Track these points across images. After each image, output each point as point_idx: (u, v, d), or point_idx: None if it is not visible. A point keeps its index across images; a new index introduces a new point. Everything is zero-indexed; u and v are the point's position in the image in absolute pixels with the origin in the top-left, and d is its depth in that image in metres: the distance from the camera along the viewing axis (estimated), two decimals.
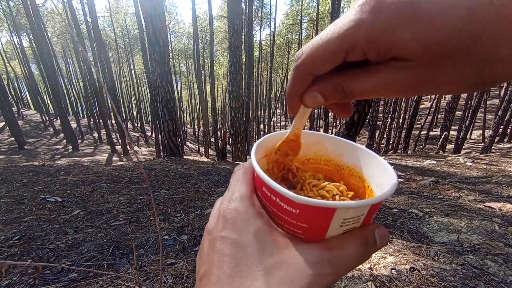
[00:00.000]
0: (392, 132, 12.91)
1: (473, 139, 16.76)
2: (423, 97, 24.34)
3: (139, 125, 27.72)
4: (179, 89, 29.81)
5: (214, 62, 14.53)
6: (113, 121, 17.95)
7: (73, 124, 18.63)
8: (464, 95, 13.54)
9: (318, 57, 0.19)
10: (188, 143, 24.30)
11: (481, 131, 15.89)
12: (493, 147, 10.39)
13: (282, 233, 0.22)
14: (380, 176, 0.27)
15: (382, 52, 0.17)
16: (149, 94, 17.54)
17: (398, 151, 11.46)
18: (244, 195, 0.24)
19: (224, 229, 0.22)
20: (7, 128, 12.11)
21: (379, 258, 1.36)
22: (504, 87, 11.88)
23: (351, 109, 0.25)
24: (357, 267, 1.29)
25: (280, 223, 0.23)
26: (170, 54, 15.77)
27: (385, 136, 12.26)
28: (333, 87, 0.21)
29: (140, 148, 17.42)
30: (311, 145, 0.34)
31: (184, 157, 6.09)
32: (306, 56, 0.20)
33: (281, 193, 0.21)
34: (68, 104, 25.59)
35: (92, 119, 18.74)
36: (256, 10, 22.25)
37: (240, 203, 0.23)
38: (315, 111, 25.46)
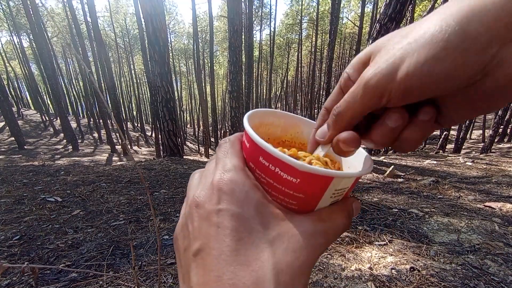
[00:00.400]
0: None
1: (473, 139, 16.76)
2: None
3: (139, 125, 27.73)
4: (179, 89, 29.81)
5: (214, 62, 14.52)
6: (113, 121, 17.93)
7: (73, 124, 18.64)
8: None
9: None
10: (188, 143, 24.30)
11: (481, 131, 15.89)
12: (493, 147, 10.39)
13: (277, 206, 0.22)
14: (352, 158, 0.28)
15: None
16: (149, 94, 17.55)
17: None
18: (238, 166, 0.23)
19: (221, 201, 0.20)
20: (7, 128, 12.11)
21: (379, 258, 1.36)
22: None
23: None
24: (357, 267, 1.29)
25: (275, 194, 0.23)
26: (170, 54, 15.78)
27: None
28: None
29: (140, 148, 17.42)
30: (288, 127, 0.34)
31: (184, 157, 6.09)
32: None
33: (284, 160, 0.21)
34: (68, 104, 25.59)
35: (92, 119, 18.75)
36: (256, 10, 22.25)
37: (236, 174, 0.22)
38: (315, 110, 25.46)
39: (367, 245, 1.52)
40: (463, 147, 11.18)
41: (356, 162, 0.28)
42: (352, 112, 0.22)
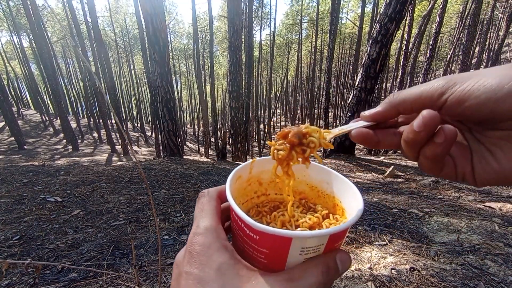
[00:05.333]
0: None
1: None
2: None
3: (139, 125, 27.71)
4: (179, 89, 29.80)
5: (214, 62, 14.51)
6: (113, 121, 17.95)
7: (73, 124, 18.63)
8: None
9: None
10: (188, 143, 24.29)
11: None
12: None
13: (246, 266, 0.23)
14: (352, 202, 0.29)
15: None
16: (149, 94, 17.53)
17: (398, 151, 11.45)
18: (208, 228, 0.24)
19: (187, 264, 0.22)
20: (7, 128, 12.11)
21: (379, 258, 1.36)
22: None
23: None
24: (357, 267, 1.29)
25: (246, 247, 0.25)
26: (170, 54, 15.77)
27: None
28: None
29: (140, 148, 17.42)
30: (296, 171, 0.36)
31: (184, 157, 6.09)
32: None
33: (243, 218, 0.23)
34: (68, 104, 25.58)
35: (92, 119, 18.74)
36: (256, 10, 22.24)
37: (204, 238, 0.23)
38: (315, 110, 25.47)
39: (367, 245, 1.52)
40: None
41: (353, 207, 0.29)
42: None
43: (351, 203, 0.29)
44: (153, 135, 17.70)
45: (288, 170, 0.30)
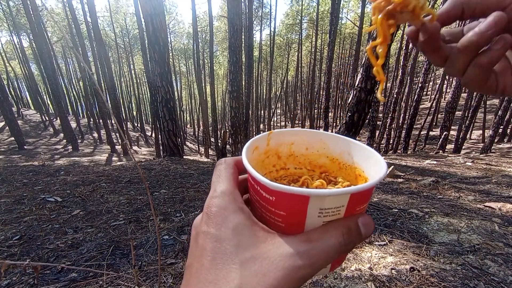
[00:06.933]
0: (392, 132, 12.91)
1: (473, 139, 16.76)
2: (423, 97, 24.35)
3: (139, 125, 27.71)
4: (179, 89, 29.81)
5: (214, 62, 14.52)
6: (113, 121, 17.94)
7: (73, 124, 18.62)
8: (464, 95, 13.55)
9: None
10: (188, 143, 24.29)
11: (481, 131, 15.89)
12: (493, 147, 10.39)
13: (263, 228, 0.23)
14: (375, 169, 0.28)
15: None
16: (149, 94, 17.54)
17: (398, 151, 11.46)
18: (225, 191, 0.25)
19: (205, 224, 0.23)
20: (7, 128, 12.10)
21: (379, 258, 1.36)
22: None
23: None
24: (357, 267, 1.29)
25: (264, 211, 0.24)
26: (170, 54, 15.76)
27: (385, 136, 12.27)
28: None
29: (140, 148, 17.42)
30: (314, 143, 0.35)
31: (184, 157, 6.09)
32: None
33: (257, 179, 0.23)
34: (68, 104, 25.56)
35: (92, 119, 18.73)
36: (256, 10, 22.25)
37: (221, 200, 0.24)
38: (315, 110, 25.45)
39: (367, 245, 1.52)
40: (463, 147, 11.19)
41: (374, 173, 0.28)
42: None
43: (374, 170, 0.28)
44: (153, 135, 17.70)
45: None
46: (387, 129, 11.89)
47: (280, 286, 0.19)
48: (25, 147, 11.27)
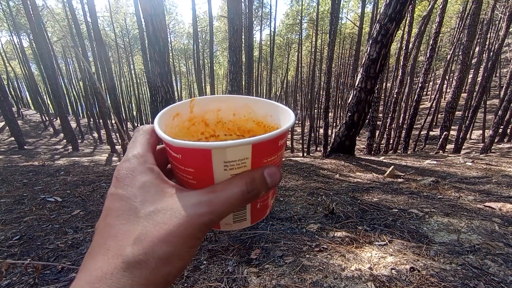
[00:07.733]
0: (392, 132, 12.90)
1: (473, 139, 16.76)
2: (423, 97, 24.35)
3: (139, 125, 27.60)
4: (179, 89, 29.83)
5: (214, 62, 14.52)
6: (113, 121, 17.94)
7: (73, 124, 18.62)
8: (464, 95, 13.55)
9: None
10: None
11: (481, 131, 15.90)
12: (493, 147, 10.39)
13: (173, 185, 0.23)
14: (288, 123, 0.27)
15: None
16: (149, 94, 17.56)
17: (398, 151, 11.46)
18: (136, 155, 0.25)
19: (113, 187, 0.23)
20: (7, 128, 12.10)
21: (379, 258, 1.36)
22: (504, 87, 11.89)
23: None
24: (357, 267, 1.29)
25: (177, 171, 0.25)
26: (170, 54, 15.76)
27: (385, 136, 12.26)
28: None
29: None
30: (239, 109, 0.35)
31: None
32: None
33: (163, 138, 0.23)
34: (68, 104, 25.56)
35: (92, 119, 18.73)
36: (256, 10, 22.25)
37: (130, 163, 0.24)
38: (315, 110, 25.45)
39: (367, 245, 1.52)
40: (463, 147, 11.19)
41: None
42: None
43: (287, 124, 0.28)
44: None
45: None
46: (387, 129, 11.88)
47: (179, 232, 0.20)
48: (25, 147, 11.26)
